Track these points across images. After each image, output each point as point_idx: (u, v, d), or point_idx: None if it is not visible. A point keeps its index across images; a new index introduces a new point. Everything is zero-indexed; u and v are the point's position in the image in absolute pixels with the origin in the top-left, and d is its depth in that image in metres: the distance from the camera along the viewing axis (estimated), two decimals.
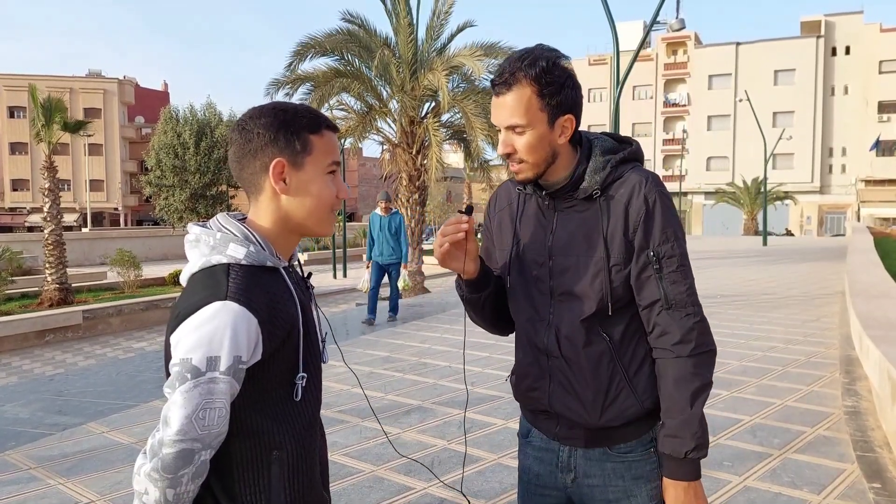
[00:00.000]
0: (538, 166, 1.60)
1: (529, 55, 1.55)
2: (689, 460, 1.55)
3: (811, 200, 53.09)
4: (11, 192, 59.92)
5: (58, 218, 16.46)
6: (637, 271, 1.59)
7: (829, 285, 13.71)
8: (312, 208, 1.39)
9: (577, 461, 1.68)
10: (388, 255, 9.52)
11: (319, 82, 14.42)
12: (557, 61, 1.56)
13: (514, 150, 1.59)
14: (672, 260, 1.57)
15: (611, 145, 1.66)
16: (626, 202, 1.58)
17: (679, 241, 1.59)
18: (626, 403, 1.61)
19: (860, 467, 4.12)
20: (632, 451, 1.65)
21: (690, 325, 1.57)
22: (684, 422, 1.54)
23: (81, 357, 11.22)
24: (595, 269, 1.59)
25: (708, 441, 1.57)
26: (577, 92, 1.60)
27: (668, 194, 1.63)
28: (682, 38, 55.71)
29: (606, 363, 1.61)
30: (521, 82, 1.54)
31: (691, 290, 1.59)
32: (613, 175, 1.61)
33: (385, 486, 3.93)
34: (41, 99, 16.20)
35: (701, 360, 1.57)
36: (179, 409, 1.21)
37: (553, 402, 1.67)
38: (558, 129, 1.58)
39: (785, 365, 6.80)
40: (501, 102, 1.58)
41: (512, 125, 1.57)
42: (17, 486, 4.06)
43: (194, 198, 38.61)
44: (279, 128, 1.36)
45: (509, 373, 1.85)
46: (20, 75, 57.47)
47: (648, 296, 1.59)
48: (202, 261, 1.33)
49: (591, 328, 1.61)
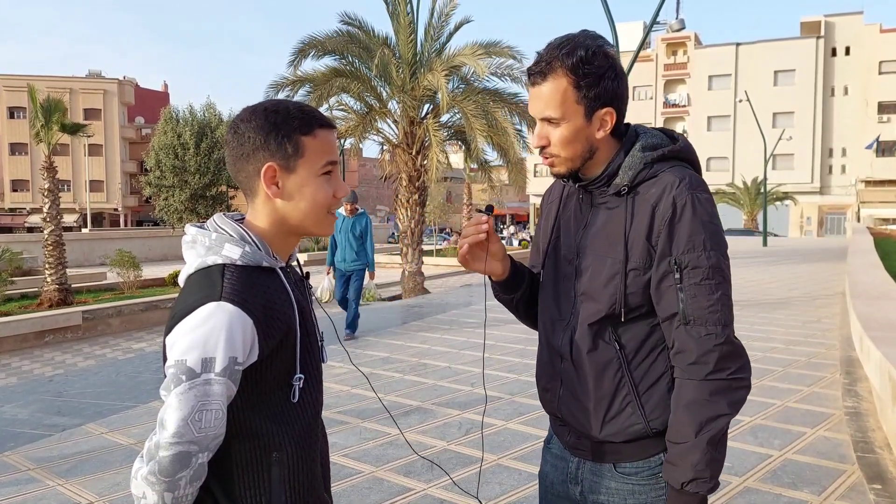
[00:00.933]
0: (573, 161, 1.51)
1: (569, 43, 1.45)
2: (686, 492, 1.43)
3: (811, 201, 53.07)
4: (11, 192, 59.93)
5: (58, 218, 16.44)
6: (657, 279, 1.46)
7: (830, 286, 13.70)
8: (308, 211, 1.37)
9: (584, 474, 1.60)
10: (350, 261, 8.52)
11: (319, 83, 14.42)
12: (599, 50, 1.45)
13: (549, 142, 1.50)
14: (696, 271, 1.43)
15: (657, 141, 1.54)
16: (654, 203, 1.46)
17: (710, 252, 1.43)
18: (631, 420, 1.50)
19: (861, 468, 4.11)
20: (637, 474, 1.53)
21: (710, 346, 1.42)
22: (686, 450, 1.42)
23: (81, 358, 11.20)
24: (612, 271, 1.49)
25: (715, 475, 1.43)
26: (620, 82, 1.48)
27: (708, 200, 1.47)
28: (681, 38, 55.71)
29: (613, 373, 1.51)
30: (557, 72, 1.45)
31: (717, 307, 1.43)
32: (647, 173, 1.49)
33: (385, 487, 3.92)
34: (41, 99, 16.18)
35: (719, 387, 1.42)
36: (175, 411, 1.20)
37: (561, 406, 1.60)
38: (596, 123, 1.48)
39: (785, 366, 6.79)
40: (537, 93, 1.49)
41: (547, 117, 1.48)
42: (16, 487, 4.05)
43: (194, 198, 38.61)
44: (269, 131, 1.33)
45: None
46: (20, 76, 57.46)
47: (667, 307, 1.46)
48: (198, 261, 1.32)
49: (599, 333, 1.51)
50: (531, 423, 5.04)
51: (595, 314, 1.51)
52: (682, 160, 1.54)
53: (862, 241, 19.24)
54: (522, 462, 4.25)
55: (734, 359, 1.44)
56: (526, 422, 5.07)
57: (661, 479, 1.51)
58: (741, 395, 1.45)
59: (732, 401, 1.44)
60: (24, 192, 59.63)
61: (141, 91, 66.92)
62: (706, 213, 1.45)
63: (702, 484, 1.42)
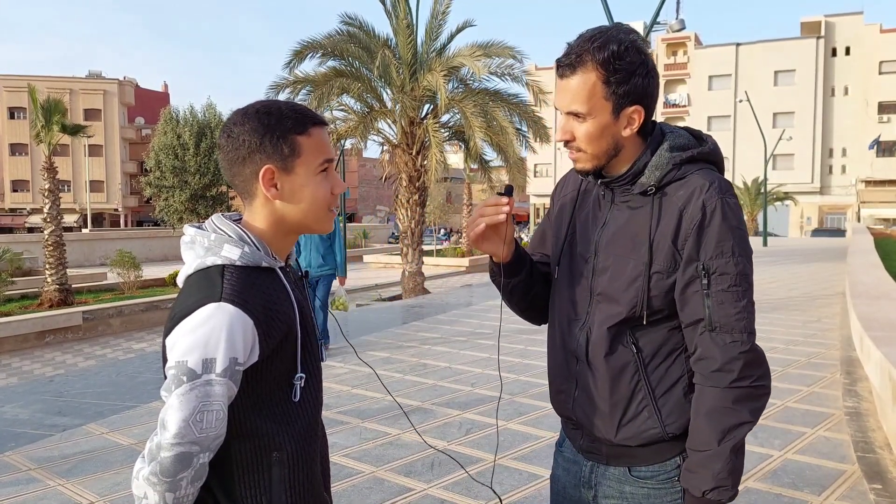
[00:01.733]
0: (598, 158, 1.47)
1: (601, 36, 1.41)
2: (707, 500, 1.41)
3: (811, 201, 53.09)
4: (12, 193, 59.96)
5: (58, 219, 16.44)
6: (683, 284, 1.43)
7: (830, 286, 13.70)
8: (308, 210, 1.38)
9: (597, 478, 1.57)
10: (316, 266, 7.89)
11: (319, 83, 14.42)
12: (631, 45, 1.41)
13: (573, 137, 1.46)
14: (724, 277, 1.40)
15: (684, 142, 1.50)
16: (682, 206, 1.42)
17: (738, 258, 1.41)
18: (647, 425, 1.48)
19: (861, 468, 4.11)
20: (653, 478, 1.51)
21: (735, 353, 1.40)
22: (708, 458, 1.41)
23: (81, 358, 11.20)
24: (634, 273, 1.46)
25: (736, 483, 1.42)
26: (651, 80, 1.44)
27: (737, 205, 1.45)
28: (681, 38, 55.74)
29: (630, 377, 1.48)
30: (587, 66, 1.41)
31: (743, 314, 1.41)
32: (675, 174, 1.46)
33: (385, 487, 3.92)
34: (41, 100, 16.19)
35: (742, 395, 1.41)
36: (176, 412, 1.21)
37: (576, 409, 1.57)
38: (623, 121, 1.45)
39: (785, 366, 6.79)
40: (565, 85, 1.44)
41: (573, 111, 1.44)
42: (17, 487, 4.06)
43: (194, 199, 38.61)
44: (265, 133, 1.33)
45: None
46: (20, 76, 57.51)
47: (692, 313, 1.43)
48: (197, 262, 1.32)
49: (618, 336, 1.48)
50: (531, 423, 5.04)
51: (615, 316, 1.48)
52: (709, 162, 1.51)
53: (862, 241, 19.25)
54: (523, 462, 4.25)
55: (757, 366, 1.43)
56: (526, 422, 5.07)
57: (677, 484, 1.49)
58: (763, 402, 1.45)
59: (754, 408, 1.43)
60: (25, 193, 59.67)
61: (141, 91, 66.97)
62: (735, 219, 1.43)
63: (724, 492, 1.41)
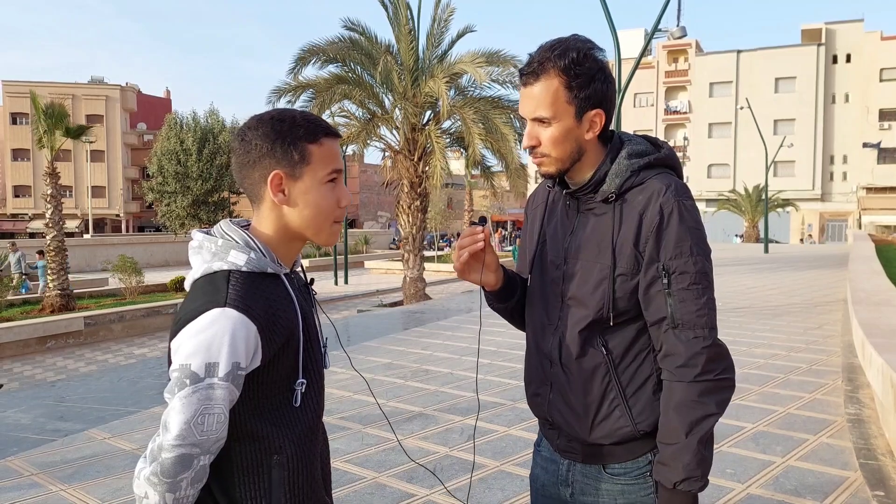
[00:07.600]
0: (562, 161, 1.54)
1: (560, 45, 1.49)
2: (678, 491, 1.47)
3: (812, 208, 53.07)
4: (14, 198, 60.05)
5: (60, 224, 16.48)
6: (646, 285, 1.50)
7: (831, 293, 13.69)
8: (311, 218, 1.39)
9: (574, 476, 1.63)
10: None
11: (321, 89, 14.47)
12: (589, 52, 1.49)
13: (539, 142, 1.53)
14: (684, 276, 1.47)
15: (642, 148, 1.57)
16: (642, 210, 1.49)
17: (696, 257, 1.48)
18: (619, 423, 1.54)
19: (863, 475, 4.10)
20: (626, 474, 1.57)
21: (698, 348, 1.47)
22: (678, 451, 1.46)
23: (83, 363, 11.20)
24: (600, 277, 1.53)
25: (705, 474, 1.47)
26: (609, 86, 1.52)
27: (693, 206, 1.51)
28: (683, 45, 55.83)
29: (601, 378, 1.54)
30: (549, 72, 1.48)
31: (704, 311, 1.48)
32: (635, 180, 1.53)
33: (387, 493, 3.92)
34: (43, 105, 16.25)
35: (707, 388, 1.47)
36: (178, 414, 1.22)
37: (552, 410, 1.63)
38: (586, 124, 1.52)
39: (787, 373, 6.78)
40: (528, 93, 1.52)
41: (538, 117, 1.51)
42: (19, 492, 4.06)
43: (196, 204, 38.61)
44: (276, 138, 1.35)
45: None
46: (22, 82, 57.64)
47: (656, 312, 1.50)
48: (204, 267, 1.34)
49: (588, 339, 1.55)
50: (533, 429, 5.03)
51: (583, 319, 1.55)
52: (666, 167, 1.58)
53: (863, 248, 19.24)
54: (525, 468, 4.25)
55: (720, 360, 1.50)
56: (528, 428, 5.06)
57: (649, 479, 1.55)
58: (727, 394, 1.51)
59: (720, 400, 1.49)
60: (27, 198, 59.75)
61: (143, 97, 67.15)
62: (692, 220, 1.49)
63: (694, 483, 1.46)
